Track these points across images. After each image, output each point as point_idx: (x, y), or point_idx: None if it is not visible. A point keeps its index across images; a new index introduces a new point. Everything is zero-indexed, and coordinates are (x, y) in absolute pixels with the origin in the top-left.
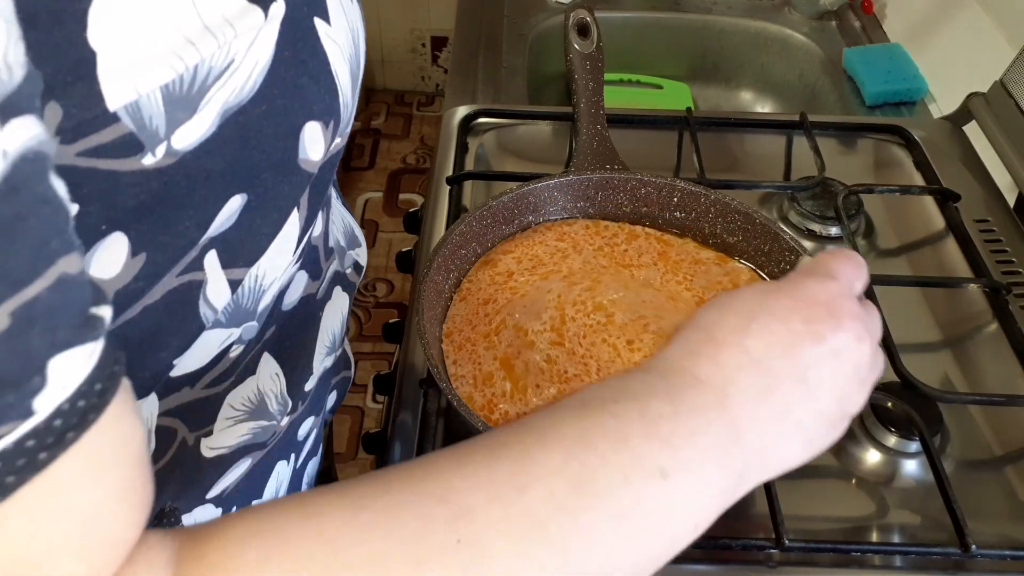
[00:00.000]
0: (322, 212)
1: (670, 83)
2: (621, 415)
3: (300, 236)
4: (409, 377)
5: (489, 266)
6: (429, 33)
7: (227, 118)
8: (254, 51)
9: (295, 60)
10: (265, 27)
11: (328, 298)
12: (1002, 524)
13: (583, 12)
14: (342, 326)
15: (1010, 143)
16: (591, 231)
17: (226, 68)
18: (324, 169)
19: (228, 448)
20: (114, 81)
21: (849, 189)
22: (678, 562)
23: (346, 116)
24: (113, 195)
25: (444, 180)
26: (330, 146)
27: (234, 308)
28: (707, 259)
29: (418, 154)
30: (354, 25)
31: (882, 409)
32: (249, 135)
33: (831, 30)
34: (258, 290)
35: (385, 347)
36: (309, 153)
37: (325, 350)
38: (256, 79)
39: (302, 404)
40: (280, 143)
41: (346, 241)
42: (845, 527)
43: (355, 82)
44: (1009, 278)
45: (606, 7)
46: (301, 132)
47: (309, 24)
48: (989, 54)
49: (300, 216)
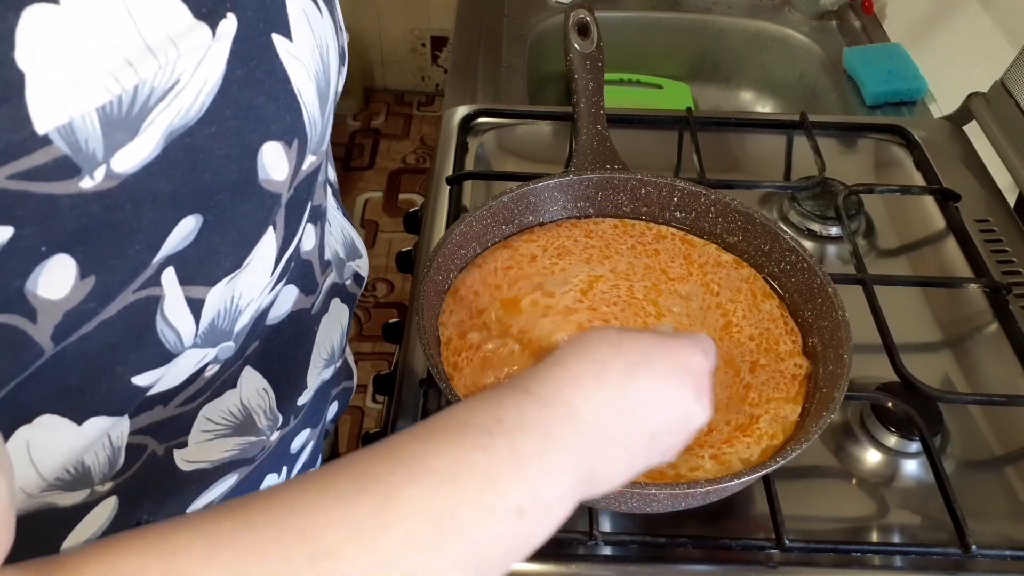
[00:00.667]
0: (314, 226)
1: (670, 83)
2: (493, 452)
3: (279, 256)
4: (409, 377)
5: (509, 248)
6: (429, 33)
7: (173, 140)
8: (202, 71)
9: (249, 79)
10: (214, 45)
11: (325, 311)
12: (1002, 524)
13: (583, 12)
14: (341, 338)
15: (1010, 143)
16: (619, 230)
17: (170, 89)
18: (301, 188)
19: (210, 463)
20: (44, 103)
21: (849, 189)
22: (678, 562)
23: (314, 134)
24: (51, 218)
25: (444, 180)
26: (299, 165)
27: (209, 329)
28: (726, 262)
29: (418, 154)
30: (323, 40)
31: (882, 409)
32: (198, 157)
33: (831, 30)
34: (234, 311)
35: (385, 347)
36: (271, 173)
37: (322, 363)
38: (204, 100)
39: (295, 418)
40: (235, 164)
41: (345, 252)
42: (845, 527)
43: (324, 99)
44: (1009, 278)
45: (606, 7)
46: (258, 152)
47: (266, 41)
48: (989, 54)
49: (277, 236)
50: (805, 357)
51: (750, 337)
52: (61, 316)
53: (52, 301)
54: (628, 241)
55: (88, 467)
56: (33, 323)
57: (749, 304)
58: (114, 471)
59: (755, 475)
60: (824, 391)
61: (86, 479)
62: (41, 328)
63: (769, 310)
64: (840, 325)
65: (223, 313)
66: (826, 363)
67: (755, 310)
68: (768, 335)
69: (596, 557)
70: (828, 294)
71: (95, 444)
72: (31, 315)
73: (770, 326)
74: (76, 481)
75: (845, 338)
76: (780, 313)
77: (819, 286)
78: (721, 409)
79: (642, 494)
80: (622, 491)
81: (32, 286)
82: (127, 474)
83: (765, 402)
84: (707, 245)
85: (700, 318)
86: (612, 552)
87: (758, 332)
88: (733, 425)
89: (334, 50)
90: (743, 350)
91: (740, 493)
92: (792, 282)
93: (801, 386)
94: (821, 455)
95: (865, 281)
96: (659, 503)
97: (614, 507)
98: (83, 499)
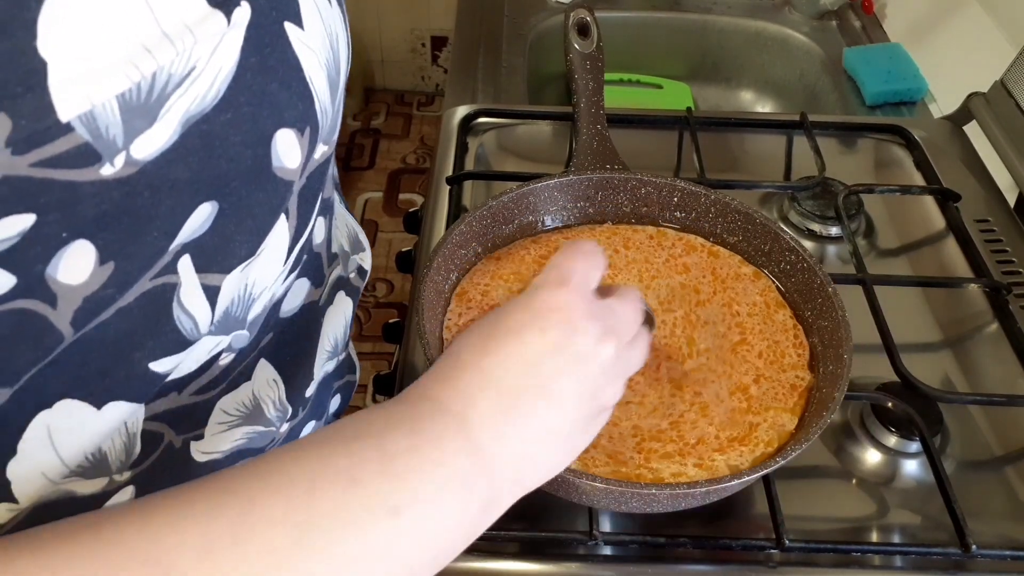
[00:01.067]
0: (324, 219)
1: (670, 83)
2: (356, 453)
3: (291, 245)
4: (409, 377)
5: (538, 243)
6: (429, 33)
7: (189, 126)
8: (217, 57)
9: (263, 66)
10: (229, 33)
11: (331, 303)
12: (1002, 524)
13: (583, 12)
14: (345, 331)
15: (1010, 143)
16: (655, 241)
17: (187, 75)
18: (313, 177)
19: (222, 453)
20: (66, 91)
21: (849, 189)
22: (678, 562)
23: (326, 123)
24: (73, 205)
25: (444, 180)
26: (311, 153)
27: (223, 316)
28: (746, 275)
29: (418, 154)
30: (332, 29)
31: (882, 409)
32: (214, 143)
33: (831, 30)
34: (248, 299)
35: (385, 347)
36: (284, 161)
37: (326, 355)
38: (220, 86)
39: (303, 410)
40: (249, 151)
41: (349, 245)
42: (845, 527)
43: (334, 88)
44: (1009, 278)
45: (606, 7)
46: (272, 139)
47: (278, 29)
48: (989, 54)
49: (289, 225)
50: (809, 371)
51: (759, 354)
52: (80, 302)
53: (72, 287)
54: (662, 255)
55: (105, 454)
56: (53, 308)
57: (763, 316)
58: (131, 460)
59: (755, 475)
60: (824, 391)
61: (104, 467)
62: (61, 314)
63: (782, 320)
64: (840, 325)
65: (237, 301)
66: (826, 363)
67: (768, 322)
68: (776, 347)
69: (596, 557)
70: (828, 294)
71: (112, 431)
72: (52, 300)
73: (780, 338)
74: (94, 468)
75: (845, 338)
76: (792, 324)
77: (819, 286)
78: (723, 425)
79: (642, 494)
80: (622, 491)
81: (53, 271)
82: (145, 464)
83: (763, 410)
84: (731, 256)
85: (718, 344)
86: (612, 552)
87: (767, 347)
88: (729, 436)
89: (343, 40)
90: (749, 367)
91: (740, 493)
92: (792, 282)
93: (800, 397)
94: (821, 455)
95: (865, 281)
96: (659, 503)
97: (614, 507)
98: (102, 488)
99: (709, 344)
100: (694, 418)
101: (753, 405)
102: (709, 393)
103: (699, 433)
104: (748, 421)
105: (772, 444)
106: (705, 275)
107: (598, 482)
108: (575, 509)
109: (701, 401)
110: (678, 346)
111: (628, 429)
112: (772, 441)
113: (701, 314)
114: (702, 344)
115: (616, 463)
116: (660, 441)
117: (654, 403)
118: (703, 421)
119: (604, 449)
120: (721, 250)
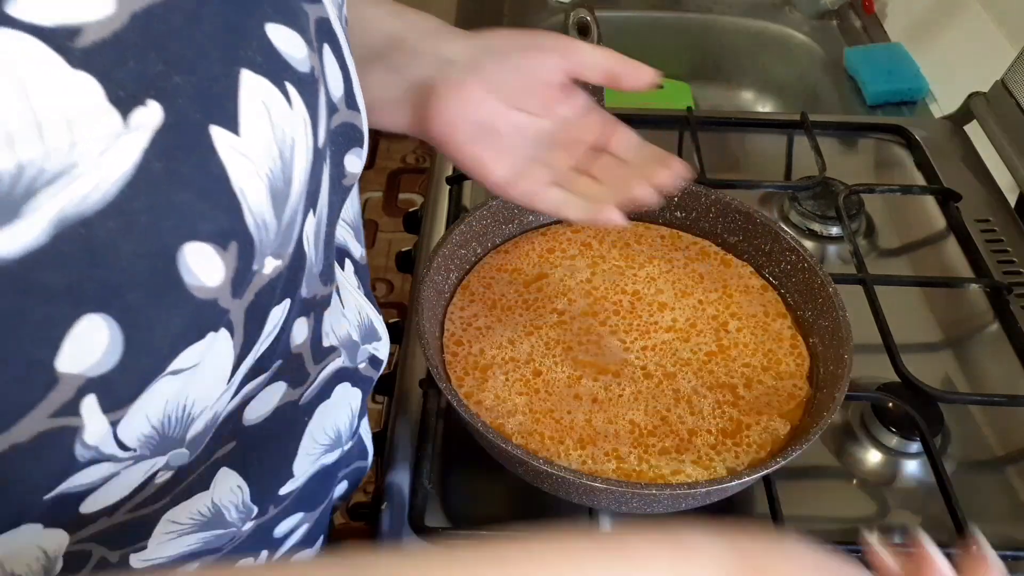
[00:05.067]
0: (307, 319)
1: (670, 82)
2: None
3: (236, 364)
4: (409, 377)
5: (546, 236)
6: None
7: (64, 228)
8: (108, 159)
9: (170, 173)
10: (126, 136)
11: (326, 398)
12: (1003, 524)
13: (583, 12)
14: (351, 421)
15: (1011, 143)
16: (667, 242)
17: (63, 173)
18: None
19: (167, 558)
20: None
21: (850, 189)
22: None
23: (267, 237)
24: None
25: (444, 180)
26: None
27: (157, 438)
28: (755, 288)
29: (418, 154)
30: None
31: (883, 409)
32: (97, 251)
33: (832, 30)
34: (186, 419)
35: None
36: (201, 278)
37: (320, 449)
38: (108, 190)
39: (274, 507)
40: (146, 263)
41: (361, 335)
42: (845, 527)
43: (279, 199)
44: (1010, 278)
45: (606, 7)
46: (179, 253)
47: (200, 133)
48: (990, 54)
49: (235, 342)
50: (808, 383)
51: (748, 360)
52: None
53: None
54: (680, 257)
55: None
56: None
57: (758, 325)
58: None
59: (755, 475)
60: (825, 391)
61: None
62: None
63: (778, 329)
64: (840, 325)
65: (174, 421)
66: (826, 363)
67: (761, 331)
68: (771, 355)
69: None
70: (828, 294)
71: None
72: None
73: (773, 346)
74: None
75: (846, 338)
76: (790, 334)
77: (819, 286)
78: (711, 417)
79: (642, 494)
80: (623, 491)
81: None
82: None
83: (755, 413)
84: (743, 267)
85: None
86: None
87: (761, 353)
88: (719, 430)
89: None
90: (738, 365)
91: (740, 493)
92: (792, 282)
93: (799, 407)
94: (821, 455)
95: (865, 281)
96: (659, 503)
97: (614, 507)
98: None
99: (701, 342)
100: (681, 414)
101: (741, 405)
102: (689, 388)
103: (689, 426)
104: (737, 419)
105: (764, 448)
106: (716, 286)
107: (598, 482)
108: (575, 509)
109: (687, 397)
110: (671, 343)
111: (625, 426)
112: (765, 445)
113: (701, 316)
114: (694, 342)
115: (617, 460)
116: (656, 436)
117: (635, 394)
118: (692, 418)
119: (603, 448)
120: (735, 260)
